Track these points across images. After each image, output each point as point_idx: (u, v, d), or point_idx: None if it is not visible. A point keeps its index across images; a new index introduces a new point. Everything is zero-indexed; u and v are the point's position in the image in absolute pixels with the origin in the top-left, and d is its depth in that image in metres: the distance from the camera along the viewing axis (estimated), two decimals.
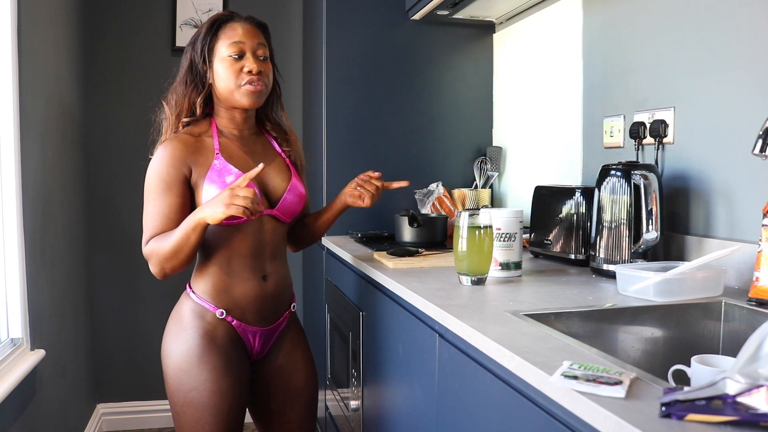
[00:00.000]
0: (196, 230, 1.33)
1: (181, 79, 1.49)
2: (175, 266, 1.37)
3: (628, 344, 1.15)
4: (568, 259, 1.65)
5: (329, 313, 2.26)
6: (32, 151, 1.96)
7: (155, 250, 1.37)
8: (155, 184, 1.40)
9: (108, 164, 2.87)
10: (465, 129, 2.51)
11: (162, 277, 1.40)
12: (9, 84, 1.77)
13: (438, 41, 2.47)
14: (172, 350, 1.45)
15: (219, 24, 1.47)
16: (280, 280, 1.53)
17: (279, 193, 1.51)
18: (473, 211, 1.39)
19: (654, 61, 1.58)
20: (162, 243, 1.36)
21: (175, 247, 1.35)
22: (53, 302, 2.19)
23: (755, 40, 1.30)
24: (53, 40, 2.27)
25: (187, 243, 1.34)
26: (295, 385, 1.58)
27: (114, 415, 2.95)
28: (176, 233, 1.34)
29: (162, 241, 1.36)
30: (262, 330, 1.51)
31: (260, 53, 1.47)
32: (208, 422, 1.42)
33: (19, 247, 1.81)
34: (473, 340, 1.00)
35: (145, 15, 2.89)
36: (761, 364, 0.68)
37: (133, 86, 2.88)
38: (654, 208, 1.39)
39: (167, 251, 1.35)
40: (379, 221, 2.38)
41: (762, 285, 1.14)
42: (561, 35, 2.02)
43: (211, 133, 1.48)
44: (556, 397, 0.76)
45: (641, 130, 1.59)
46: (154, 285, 2.90)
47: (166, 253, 1.36)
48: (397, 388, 1.50)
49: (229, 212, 1.28)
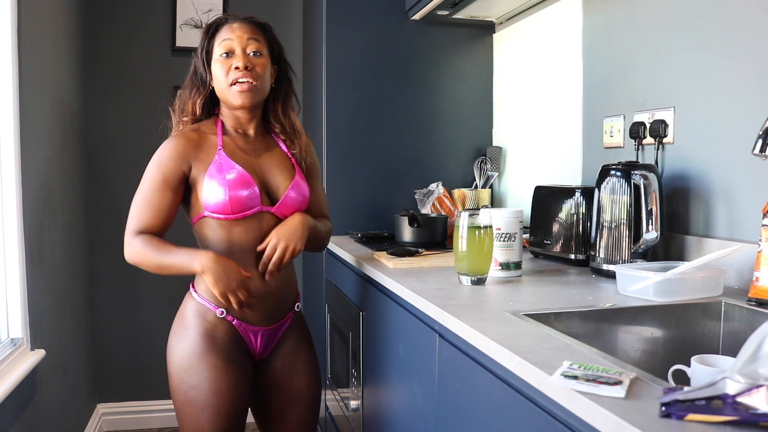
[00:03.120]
0: (189, 270, 1.40)
1: (187, 84, 1.54)
2: (151, 271, 1.44)
3: (628, 344, 1.15)
4: (568, 259, 1.65)
5: (329, 313, 2.26)
6: (33, 151, 1.96)
7: (144, 255, 1.40)
8: (153, 175, 1.43)
9: (108, 164, 2.87)
10: (465, 129, 2.51)
11: (131, 263, 1.44)
12: (9, 84, 1.77)
13: (438, 41, 2.47)
14: (174, 349, 1.46)
15: (215, 27, 1.50)
16: (282, 278, 1.52)
17: (281, 192, 1.51)
18: (473, 211, 1.39)
19: (654, 61, 1.58)
20: (154, 255, 1.40)
21: (164, 268, 1.41)
22: (53, 302, 2.19)
23: (755, 40, 1.30)
24: (53, 40, 2.27)
25: (174, 271, 1.41)
26: (296, 387, 1.58)
27: (114, 415, 2.95)
28: (171, 259, 1.40)
29: (155, 253, 1.40)
30: (264, 329, 1.51)
31: (252, 48, 1.47)
32: (207, 421, 1.42)
33: (20, 246, 1.81)
34: (473, 340, 1.00)
35: (145, 15, 2.89)
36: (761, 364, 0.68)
37: (133, 86, 2.88)
38: (654, 208, 1.39)
39: (154, 265, 1.41)
40: (379, 221, 2.38)
41: (762, 285, 1.14)
42: (561, 35, 2.02)
43: (215, 131, 1.50)
44: (556, 397, 0.76)
45: (641, 130, 1.59)
46: (155, 285, 2.91)
47: (151, 265, 1.41)
48: (397, 388, 1.50)
49: (222, 297, 1.38)
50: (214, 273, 1.37)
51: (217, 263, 1.37)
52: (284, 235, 1.45)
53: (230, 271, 1.38)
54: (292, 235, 1.46)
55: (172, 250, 1.40)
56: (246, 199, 1.43)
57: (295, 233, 1.46)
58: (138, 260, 1.42)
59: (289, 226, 1.47)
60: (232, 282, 1.37)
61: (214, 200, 1.42)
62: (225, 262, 1.38)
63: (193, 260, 1.38)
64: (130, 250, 1.42)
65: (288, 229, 1.46)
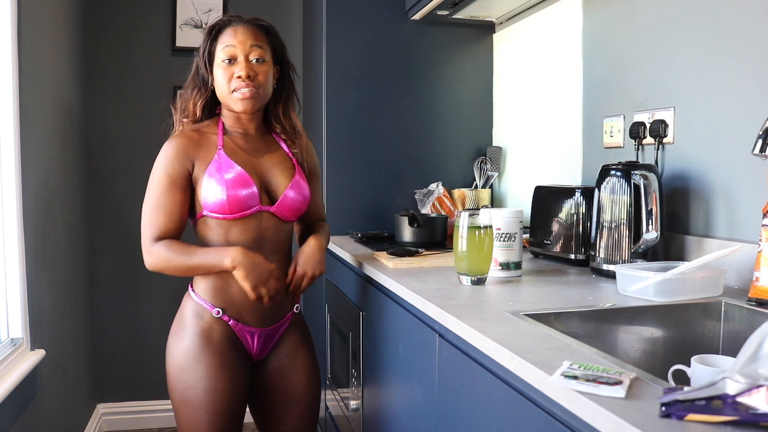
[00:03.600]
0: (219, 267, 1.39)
1: (188, 83, 1.53)
2: (177, 275, 1.43)
3: (628, 344, 1.15)
4: (568, 259, 1.65)
5: (329, 313, 2.26)
6: (33, 151, 1.96)
7: (170, 260, 1.39)
8: (160, 178, 1.42)
9: (108, 164, 2.87)
10: (465, 129, 2.51)
11: (153, 271, 1.43)
12: (9, 84, 1.77)
13: (438, 41, 2.47)
14: (172, 349, 1.46)
15: (218, 29, 1.48)
16: (282, 279, 1.52)
17: (280, 191, 1.51)
18: (473, 211, 1.39)
19: (654, 61, 1.58)
20: (181, 259, 1.39)
21: (192, 269, 1.41)
22: (53, 302, 2.19)
23: (755, 40, 1.30)
24: (53, 40, 2.27)
25: (203, 271, 1.42)
26: (294, 389, 1.58)
27: (114, 415, 2.94)
28: (199, 259, 1.39)
29: (182, 257, 1.39)
30: (262, 330, 1.51)
31: (255, 55, 1.46)
32: (203, 420, 1.43)
33: (20, 247, 1.81)
34: (473, 340, 1.00)
35: (145, 15, 2.89)
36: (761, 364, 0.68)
37: (134, 86, 2.88)
38: (654, 208, 1.39)
39: (182, 268, 1.40)
40: (379, 221, 2.38)
41: (762, 285, 1.14)
42: (561, 35, 2.02)
43: (216, 131, 1.50)
44: (556, 397, 0.76)
45: (641, 130, 1.59)
46: (155, 285, 2.91)
47: (178, 268, 1.40)
48: (397, 388, 1.50)
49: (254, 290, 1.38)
50: (245, 267, 1.37)
51: (247, 257, 1.38)
52: (309, 265, 1.51)
53: (259, 263, 1.39)
54: (316, 263, 1.52)
55: (197, 251, 1.40)
56: (245, 198, 1.43)
57: (316, 259, 1.52)
58: (163, 266, 1.40)
59: (311, 254, 1.52)
60: (263, 274, 1.39)
61: (213, 200, 1.41)
62: (253, 256, 1.39)
63: (223, 257, 1.38)
64: (152, 257, 1.40)
65: (310, 257, 1.52)
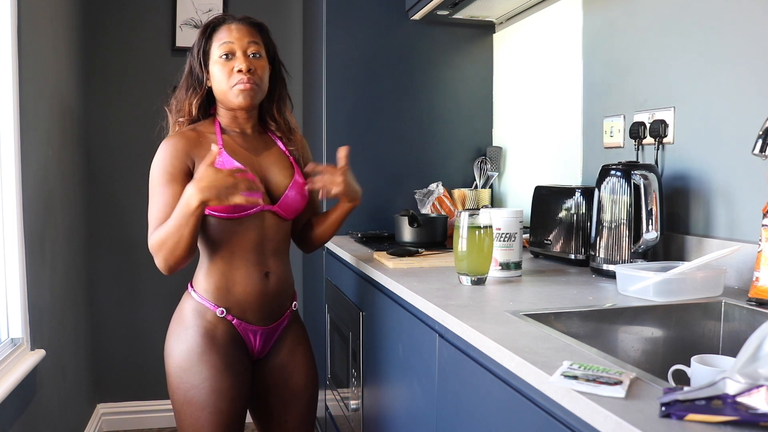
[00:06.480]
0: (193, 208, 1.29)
1: (182, 84, 1.53)
2: (178, 257, 1.34)
3: (628, 344, 1.15)
4: (568, 259, 1.65)
5: (329, 313, 2.26)
6: (33, 151, 1.96)
7: (161, 241, 1.33)
8: (159, 176, 1.41)
9: (108, 163, 2.87)
10: (465, 129, 2.51)
11: (167, 271, 1.37)
12: (9, 84, 1.77)
13: (438, 41, 2.47)
14: (173, 349, 1.46)
15: (212, 28, 1.49)
16: (282, 278, 1.53)
17: (281, 190, 1.51)
18: (473, 211, 1.39)
19: (654, 61, 1.58)
20: (164, 230, 1.33)
21: (177, 231, 1.31)
22: (53, 302, 2.19)
23: (755, 40, 1.30)
24: (53, 40, 2.27)
25: (184, 224, 1.30)
26: (294, 385, 1.58)
27: (114, 415, 2.94)
28: (174, 220, 1.31)
29: (163, 230, 1.33)
30: (263, 329, 1.51)
31: (252, 51, 1.47)
32: (207, 421, 1.42)
33: (20, 246, 1.81)
34: (473, 340, 1.00)
35: (145, 15, 2.89)
36: (761, 364, 0.68)
37: (133, 86, 2.88)
38: (654, 208, 1.39)
39: (171, 240, 1.31)
40: (379, 221, 2.38)
41: (762, 285, 1.14)
42: (561, 35, 2.02)
43: (214, 131, 1.50)
44: (556, 397, 0.76)
45: (641, 130, 1.59)
46: (155, 285, 2.91)
47: (169, 242, 1.32)
48: (397, 388, 1.50)
49: (226, 200, 1.28)
50: (204, 189, 1.28)
51: (199, 183, 1.28)
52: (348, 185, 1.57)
53: (210, 176, 1.28)
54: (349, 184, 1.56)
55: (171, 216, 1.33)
56: None
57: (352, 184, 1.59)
58: (161, 250, 1.33)
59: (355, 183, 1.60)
60: (221, 180, 1.28)
61: None
62: (203, 176, 1.29)
63: (185, 200, 1.30)
64: (152, 249, 1.36)
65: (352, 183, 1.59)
